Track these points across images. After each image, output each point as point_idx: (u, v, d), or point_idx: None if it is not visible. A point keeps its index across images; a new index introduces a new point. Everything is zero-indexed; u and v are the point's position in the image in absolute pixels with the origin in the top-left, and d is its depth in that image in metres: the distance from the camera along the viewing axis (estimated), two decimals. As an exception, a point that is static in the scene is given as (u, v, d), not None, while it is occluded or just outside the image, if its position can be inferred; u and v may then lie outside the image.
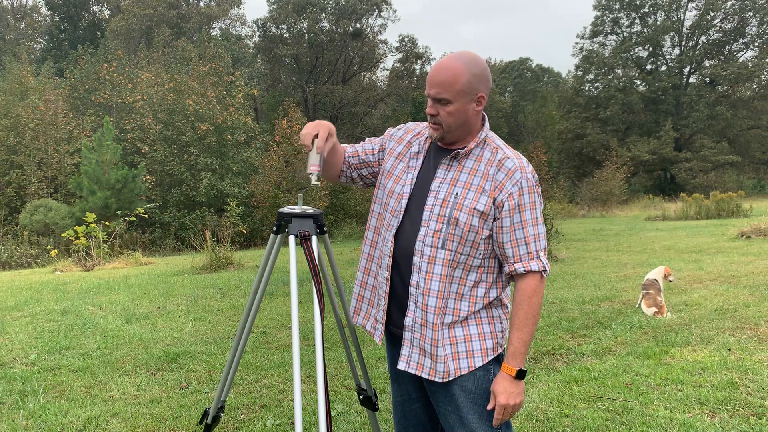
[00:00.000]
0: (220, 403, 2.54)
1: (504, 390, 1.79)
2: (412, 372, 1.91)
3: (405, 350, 1.91)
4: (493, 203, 1.80)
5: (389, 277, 1.93)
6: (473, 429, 1.86)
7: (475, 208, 1.80)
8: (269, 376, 4.24)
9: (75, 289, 8.74)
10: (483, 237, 1.82)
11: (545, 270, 1.82)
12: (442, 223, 1.82)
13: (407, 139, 2.03)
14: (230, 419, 3.50)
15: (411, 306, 1.88)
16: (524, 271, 1.80)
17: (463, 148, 1.87)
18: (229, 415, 3.55)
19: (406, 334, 1.90)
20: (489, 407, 1.83)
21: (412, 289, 1.87)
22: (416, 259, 1.86)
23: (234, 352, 2.39)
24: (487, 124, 1.92)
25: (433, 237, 1.82)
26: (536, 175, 1.86)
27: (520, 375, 1.80)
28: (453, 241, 1.81)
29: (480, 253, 1.84)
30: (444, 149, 1.92)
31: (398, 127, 2.10)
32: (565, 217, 24.12)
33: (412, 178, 1.93)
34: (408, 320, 1.89)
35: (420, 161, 1.95)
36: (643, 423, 3.16)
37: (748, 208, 18.98)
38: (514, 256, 1.82)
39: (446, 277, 1.83)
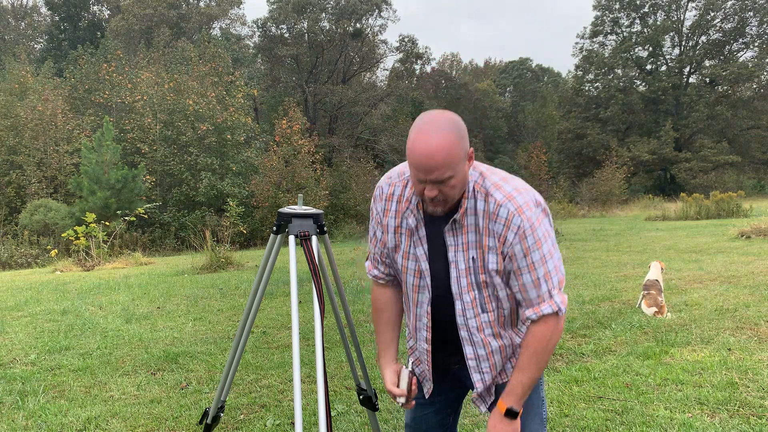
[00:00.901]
0: (220, 403, 2.54)
1: (494, 427, 1.77)
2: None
3: (483, 408, 1.94)
4: (503, 258, 1.72)
5: (429, 350, 1.91)
6: (527, 426, 1.89)
7: (491, 270, 1.74)
8: (269, 376, 4.24)
9: (75, 289, 8.74)
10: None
11: (560, 309, 1.72)
12: (473, 290, 1.77)
13: (393, 208, 1.86)
14: (230, 419, 3.49)
15: (476, 376, 1.86)
16: (536, 317, 1.73)
17: (458, 209, 1.73)
18: (229, 415, 3.55)
19: (480, 400, 1.92)
20: None
21: (472, 363, 1.84)
22: (464, 334, 1.82)
23: (234, 352, 2.39)
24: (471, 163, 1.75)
25: (472, 308, 1.78)
26: (537, 201, 1.72)
27: (510, 414, 1.75)
28: (491, 302, 1.78)
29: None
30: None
31: (374, 198, 1.93)
32: (565, 217, 24.13)
33: (424, 253, 1.81)
34: (480, 387, 1.88)
35: (423, 232, 1.81)
36: (643, 423, 3.16)
37: (748, 208, 18.98)
38: (525, 300, 1.74)
39: (498, 333, 1.82)
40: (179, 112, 22.07)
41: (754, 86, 39.83)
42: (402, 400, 1.90)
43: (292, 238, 2.07)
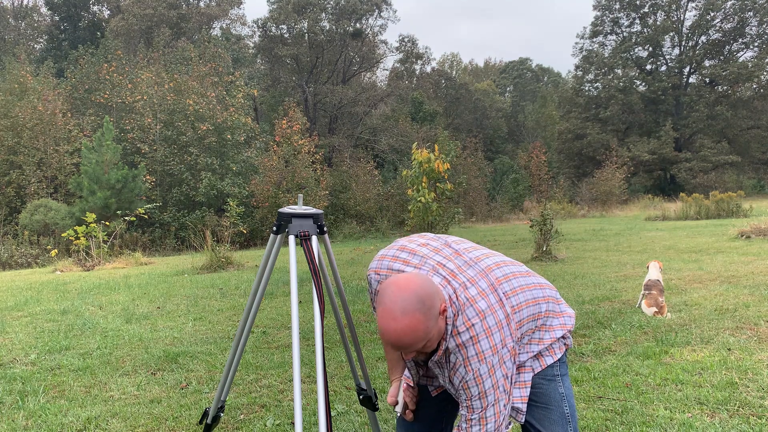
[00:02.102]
0: (220, 403, 2.54)
1: None
2: None
3: None
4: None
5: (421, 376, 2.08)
6: (548, 425, 1.93)
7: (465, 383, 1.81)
8: (269, 376, 4.24)
9: (75, 289, 8.74)
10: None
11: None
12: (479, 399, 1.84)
13: None
14: (230, 419, 3.50)
15: None
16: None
17: (437, 350, 1.79)
18: (229, 415, 3.55)
19: None
20: None
21: None
22: None
23: (234, 352, 2.39)
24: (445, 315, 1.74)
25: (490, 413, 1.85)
26: (495, 340, 1.73)
27: None
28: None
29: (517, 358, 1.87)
30: None
31: (368, 279, 2.00)
32: (565, 217, 24.14)
33: (413, 362, 2.00)
34: None
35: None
36: (643, 423, 3.16)
37: (748, 208, 18.98)
38: (463, 415, 1.81)
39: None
40: (179, 112, 22.07)
41: (754, 86, 39.82)
42: (399, 408, 2.01)
43: (292, 238, 2.07)
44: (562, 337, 1.95)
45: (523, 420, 1.89)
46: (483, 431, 1.77)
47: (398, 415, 2.05)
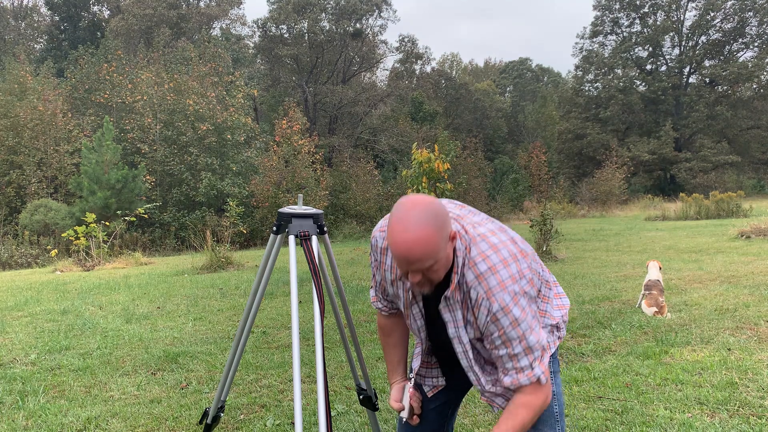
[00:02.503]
0: (220, 403, 2.54)
1: None
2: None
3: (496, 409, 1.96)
4: (481, 332, 1.76)
5: (432, 361, 2.04)
6: (537, 424, 1.90)
7: (476, 338, 1.79)
8: (269, 376, 4.24)
9: (75, 289, 8.74)
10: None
11: (539, 380, 1.73)
12: (481, 361, 1.85)
13: (388, 262, 1.88)
14: (230, 419, 3.50)
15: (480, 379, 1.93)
16: (514, 388, 1.76)
17: (449, 285, 1.74)
18: (229, 415, 3.55)
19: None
20: None
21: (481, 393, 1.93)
22: (471, 375, 1.89)
23: (234, 352, 2.39)
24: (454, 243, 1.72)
25: (485, 375, 1.86)
26: (512, 270, 1.69)
27: None
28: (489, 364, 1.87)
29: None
30: None
31: (371, 246, 1.95)
32: (565, 217, 24.13)
33: (420, 311, 1.87)
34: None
35: (420, 302, 1.88)
36: (643, 423, 3.16)
37: (748, 208, 18.98)
38: (502, 370, 1.77)
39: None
40: (179, 112, 22.07)
41: (754, 86, 39.82)
42: (404, 413, 1.96)
43: (292, 238, 2.07)
44: (556, 327, 1.90)
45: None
46: (531, 358, 1.72)
47: (401, 419, 2.04)
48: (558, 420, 1.94)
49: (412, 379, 2.05)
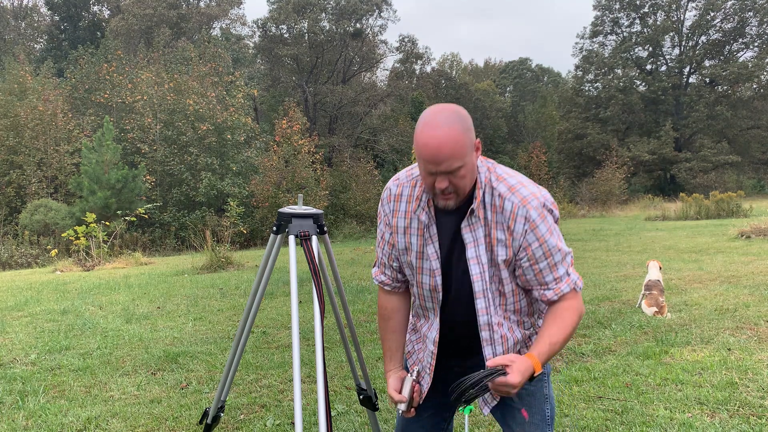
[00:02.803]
0: (220, 403, 2.54)
1: (515, 360, 1.64)
2: (493, 410, 1.90)
3: (486, 411, 1.90)
4: (513, 250, 1.72)
5: (435, 352, 1.88)
6: (528, 424, 1.87)
7: (500, 262, 1.73)
8: (269, 376, 4.24)
9: (75, 289, 8.74)
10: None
11: (577, 286, 1.75)
12: (495, 283, 1.76)
13: (402, 209, 1.85)
14: (230, 419, 3.50)
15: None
16: (557, 297, 1.73)
17: (473, 200, 1.73)
18: (229, 415, 3.55)
19: (484, 402, 1.89)
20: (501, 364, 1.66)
21: (488, 362, 1.75)
22: (485, 335, 1.79)
23: (234, 352, 2.39)
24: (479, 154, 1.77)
25: (498, 305, 1.79)
26: (543, 195, 1.73)
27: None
28: (516, 295, 1.79)
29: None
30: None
31: (382, 201, 1.93)
32: (565, 217, 24.12)
33: (435, 251, 1.79)
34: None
35: (434, 230, 1.79)
36: (643, 423, 3.16)
37: (748, 208, 18.98)
38: (541, 285, 1.74)
39: (521, 321, 1.83)
40: (179, 112, 22.07)
41: (754, 86, 39.82)
42: (402, 406, 1.88)
43: (292, 238, 2.07)
44: None
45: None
46: (566, 265, 1.74)
47: (399, 414, 1.98)
48: (549, 424, 1.90)
49: (416, 371, 1.97)
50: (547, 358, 1.69)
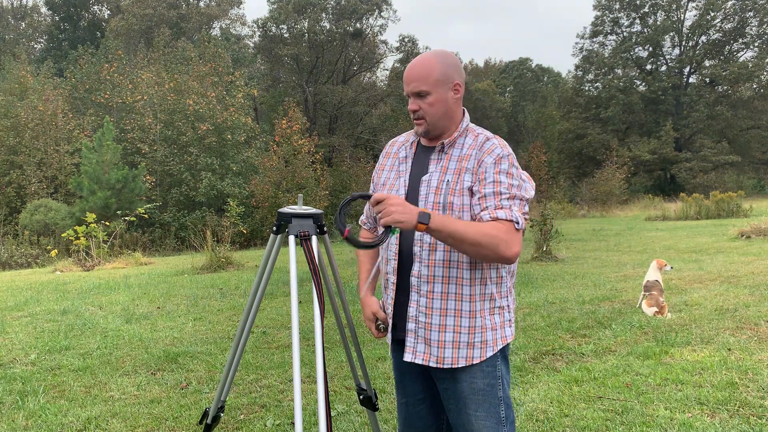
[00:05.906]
0: (220, 403, 2.54)
1: (399, 204, 1.71)
2: (419, 362, 1.90)
3: (410, 341, 1.92)
4: (477, 178, 1.83)
5: (396, 282, 1.96)
6: (481, 426, 1.87)
7: (465, 188, 1.84)
8: (269, 376, 4.24)
9: (75, 289, 8.74)
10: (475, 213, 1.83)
11: (517, 222, 1.76)
12: (438, 209, 1.84)
13: (393, 151, 2.08)
14: (230, 419, 3.50)
15: (414, 296, 1.90)
16: (489, 218, 1.77)
17: (448, 137, 1.92)
18: (229, 415, 3.55)
19: (410, 325, 1.91)
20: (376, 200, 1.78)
21: (414, 280, 1.89)
22: (416, 249, 1.89)
23: (234, 352, 2.39)
24: (467, 116, 1.97)
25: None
26: (514, 158, 1.88)
27: (423, 218, 1.70)
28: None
29: None
30: (430, 147, 1.97)
31: (380, 156, 2.17)
32: (565, 217, 24.12)
33: (405, 181, 1.96)
34: (411, 310, 1.90)
35: (410, 164, 1.98)
36: (643, 423, 3.16)
37: (748, 208, 18.98)
38: (483, 209, 1.80)
39: (447, 261, 1.85)
40: (179, 112, 22.07)
41: (754, 86, 39.81)
42: (379, 325, 2.02)
43: (292, 238, 2.07)
44: (507, 308, 1.92)
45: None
46: (512, 203, 1.80)
47: (401, 415, 2.01)
48: (505, 425, 1.89)
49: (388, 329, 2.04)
50: (441, 227, 1.72)
